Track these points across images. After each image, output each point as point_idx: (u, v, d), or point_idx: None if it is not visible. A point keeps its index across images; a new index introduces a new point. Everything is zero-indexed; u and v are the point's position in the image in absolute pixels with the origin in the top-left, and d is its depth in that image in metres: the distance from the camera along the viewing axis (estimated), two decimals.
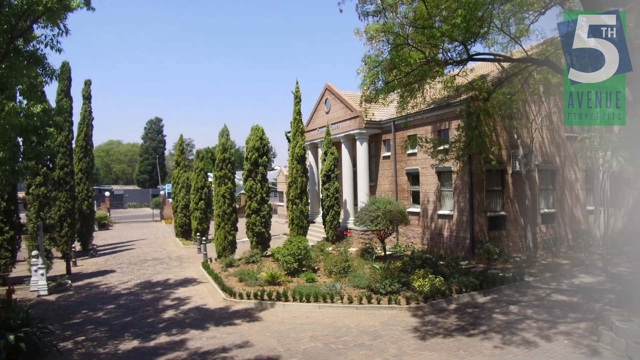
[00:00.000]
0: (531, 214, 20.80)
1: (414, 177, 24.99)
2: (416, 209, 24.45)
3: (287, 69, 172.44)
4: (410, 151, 24.57)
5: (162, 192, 62.63)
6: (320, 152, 30.18)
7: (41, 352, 11.66)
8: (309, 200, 27.83)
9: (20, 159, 13.49)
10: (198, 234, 29.78)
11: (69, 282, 20.24)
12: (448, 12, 14.13)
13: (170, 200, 44.02)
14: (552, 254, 20.70)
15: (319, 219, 30.59)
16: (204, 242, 25.55)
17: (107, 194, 64.05)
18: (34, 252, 19.24)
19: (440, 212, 22.65)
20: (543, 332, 11.61)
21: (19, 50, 11.35)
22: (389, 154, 26.83)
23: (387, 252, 21.80)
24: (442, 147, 18.66)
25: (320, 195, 28.11)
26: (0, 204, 19.01)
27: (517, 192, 21.47)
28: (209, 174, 35.87)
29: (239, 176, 41.20)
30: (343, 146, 28.85)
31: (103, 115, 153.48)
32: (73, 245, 26.27)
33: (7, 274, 19.63)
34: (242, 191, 35.89)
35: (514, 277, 16.39)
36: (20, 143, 13.70)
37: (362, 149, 27.37)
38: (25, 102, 12.37)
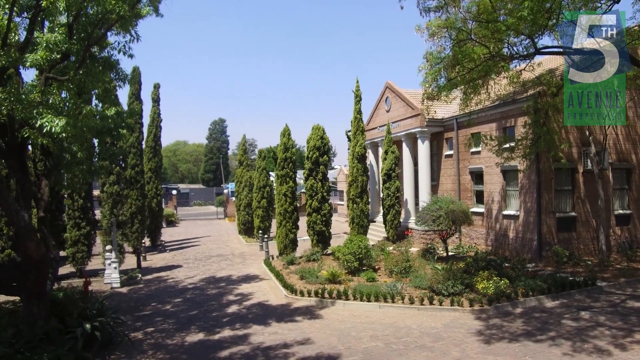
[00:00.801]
0: (604, 215, 19.72)
1: (477, 176, 24.33)
2: (480, 209, 23.80)
3: (347, 67, 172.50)
4: (473, 149, 23.95)
5: (225, 191, 64.47)
6: (380, 150, 30.01)
7: (114, 341, 12.34)
8: (370, 200, 27.72)
9: (96, 159, 14.32)
10: (260, 231, 30.41)
11: (139, 275, 21.27)
12: (514, 4, 13.69)
13: (234, 198, 45.21)
14: (627, 258, 19.53)
15: (379, 218, 30.44)
16: (265, 240, 26.08)
17: (174, 192, 66.61)
18: (108, 247, 20.38)
19: (505, 212, 21.93)
20: (617, 340, 10.98)
21: (94, 56, 12.06)
22: (451, 152, 26.27)
23: (450, 253, 21.37)
24: (507, 145, 18.08)
25: (381, 195, 27.95)
26: (77, 202, 20.24)
27: (589, 192, 20.42)
28: (270, 173, 36.51)
29: (300, 175, 41.64)
30: (404, 145, 28.54)
31: (170, 117, 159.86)
32: (143, 241, 27.54)
33: (84, 267, 20.89)
34: (303, 190, 36.27)
35: (585, 281, 15.61)
36: (96, 144, 14.54)
37: (423, 148, 26.96)
38: (100, 105, 13.13)
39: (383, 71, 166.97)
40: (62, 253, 19.42)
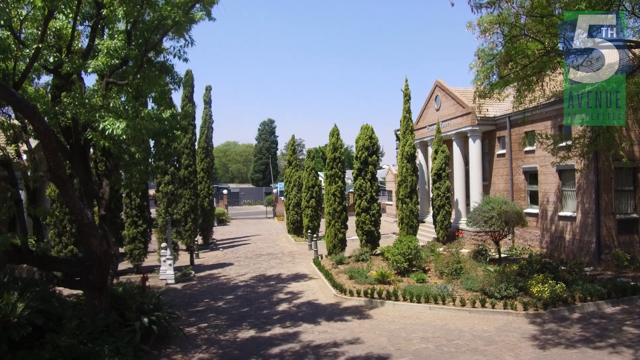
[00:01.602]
0: None
1: (531, 176, 23.60)
2: (534, 209, 23.07)
3: (395, 66, 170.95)
4: (527, 148, 23.24)
5: (274, 191, 65.27)
6: (430, 150, 29.61)
7: (169, 335, 12.81)
8: (419, 200, 27.40)
9: (152, 160, 14.87)
10: (309, 231, 30.65)
11: (193, 272, 21.92)
12: None
13: (283, 198, 45.71)
14: None
15: (428, 219, 30.05)
16: (314, 239, 26.28)
17: (225, 191, 67.99)
18: (163, 244, 21.12)
19: (561, 213, 21.17)
20: None
21: (151, 61, 12.52)
22: (503, 151, 25.60)
23: (502, 255, 20.84)
24: (564, 144, 17.45)
25: (431, 195, 27.59)
26: (135, 201, 21.07)
27: None
28: (319, 172, 36.73)
29: (348, 175, 41.66)
30: (454, 144, 28.04)
31: (220, 118, 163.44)
32: (196, 239, 28.36)
33: (140, 263, 21.73)
34: (351, 190, 36.24)
35: None
36: (151, 145, 15.09)
37: (474, 147, 26.41)
38: (155, 107, 13.63)
39: (432, 70, 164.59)
40: (120, 250, 20.27)
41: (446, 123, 28.46)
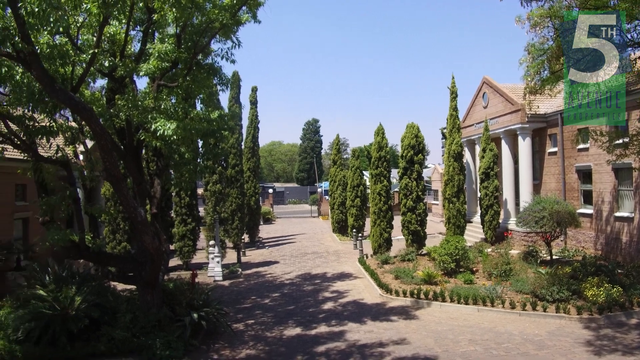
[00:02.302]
0: None
1: (585, 175, 22.70)
2: (588, 210, 22.19)
3: (440, 64, 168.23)
4: (581, 146, 22.38)
5: (319, 190, 65.49)
6: (477, 148, 28.99)
7: (218, 331, 13.11)
8: (466, 199, 26.88)
9: (200, 160, 15.24)
10: (354, 230, 30.61)
11: (240, 270, 22.32)
12: None
13: (327, 197, 45.82)
14: None
15: (476, 219, 29.43)
16: (359, 239, 26.23)
17: (270, 191, 68.78)
18: (211, 242, 21.61)
19: (617, 214, 20.26)
20: None
21: (199, 63, 12.85)
22: (555, 149, 24.74)
23: (554, 257, 20.15)
24: (620, 141, 16.69)
25: (478, 194, 27.01)
26: (184, 199, 21.65)
27: None
28: (364, 172, 36.62)
29: (393, 174, 41.39)
30: (503, 142, 27.34)
31: (265, 118, 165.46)
32: (242, 237, 28.84)
33: (189, 260, 22.31)
34: (397, 189, 35.97)
35: None
36: (200, 145, 15.47)
37: (524, 145, 25.67)
38: (203, 108, 13.95)
39: (478, 67, 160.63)
40: (170, 247, 20.87)
41: (494, 121, 27.78)
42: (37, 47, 8.77)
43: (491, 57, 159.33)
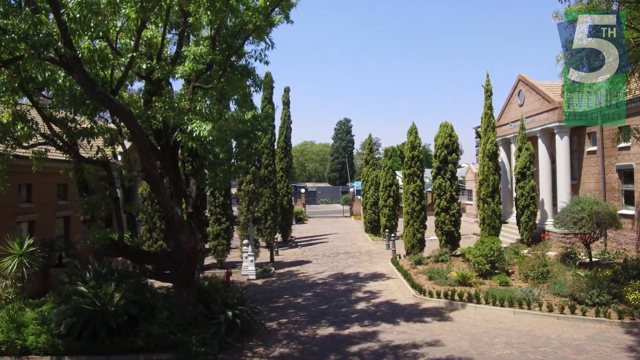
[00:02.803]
0: None
1: (626, 175, 21.97)
2: (629, 211, 21.47)
3: (473, 62, 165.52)
4: (622, 145, 21.67)
5: (351, 190, 65.37)
6: (513, 147, 28.43)
7: (252, 329, 13.25)
8: (501, 199, 26.40)
9: (234, 160, 15.45)
10: (386, 230, 30.46)
11: (273, 269, 22.51)
12: None
13: (359, 197, 45.65)
14: None
15: (511, 219, 28.87)
16: (392, 239, 26.09)
17: (302, 190, 69.01)
18: (245, 241, 21.87)
19: None
20: None
21: (233, 65, 13.03)
22: (594, 148, 24.04)
23: (593, 259, 19.59)
24: None
25: (514, 194, 26.49)
26: (218, 199, 21.98)
27: None
28: (396, 171, 36.38)
29: (426, 174, 41.02)
30: (539, 141, 26.72)
31: (297, 118, 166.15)
32: (275, 236, 29.06)
33: (223, 259, 22.63)
34: (430, 189, 35.60)
35: None
36: (234, 146, 15.68)
37: (562, 144, 25.02)
38: (237, 109, 14.14)
39: (513, 66, 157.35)
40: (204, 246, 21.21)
41: (530, 119, 27.19)
42: (78, 52, 9.06)
43: (526, 55, 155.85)
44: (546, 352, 10.95)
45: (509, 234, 27.40)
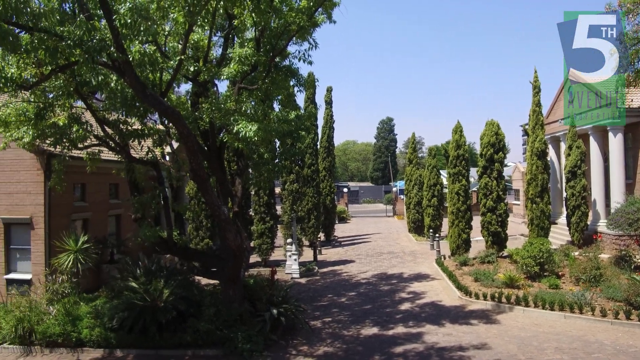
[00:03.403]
0: None
1: None
2: None
3: (519, 60, 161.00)
4: None
5: (394, 189, 64.83)
6: (563, 146, 27.46)
7: (296, 327, 13.37)
8: (550, 199, 25.56)
9: (278, 159, 15.61)
10: (430, 230, 30.06)
11: (316, 268, 22.61)
12: None
13: (402, 196, 45.21)
14: None
15: (561, 220, 27.91)
16: (436, 239, 25.72)
17: (345, 190, 69.00)
18: (289, 240, 22.06)
19: None
20: None
21: (277, 66, 13.15)
22: None
23: None
24: None
25: (564, 194, 25.59)
26: (263, 198, 22.27)
27: None
28: (441, 171, 35.84)
29: (472, 173, 40.26)
30: (591, 138, 25.69)
31: (340, 118, 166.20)
32: (318, 236, 29.17)
33: (268, 257, 22.90)
34: (475, 188, 34.87)
35: None
36: (277, 145, 15.84)
37: (615, 141, 23.97)
38: (281, 109, 14.26)
39: (561, 62, 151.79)
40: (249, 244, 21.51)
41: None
42: (129, 56, 9.39)
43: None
44: (599, 358, 10.54)
45: (559, 235, 26.50)
